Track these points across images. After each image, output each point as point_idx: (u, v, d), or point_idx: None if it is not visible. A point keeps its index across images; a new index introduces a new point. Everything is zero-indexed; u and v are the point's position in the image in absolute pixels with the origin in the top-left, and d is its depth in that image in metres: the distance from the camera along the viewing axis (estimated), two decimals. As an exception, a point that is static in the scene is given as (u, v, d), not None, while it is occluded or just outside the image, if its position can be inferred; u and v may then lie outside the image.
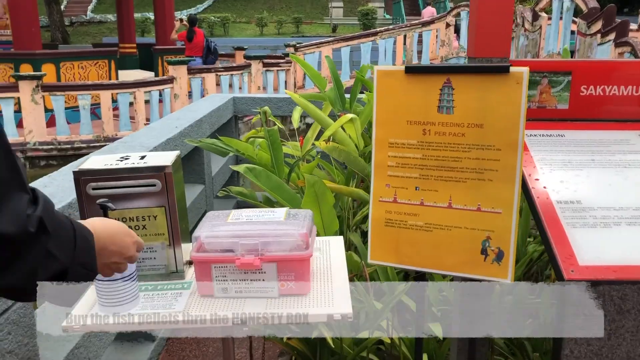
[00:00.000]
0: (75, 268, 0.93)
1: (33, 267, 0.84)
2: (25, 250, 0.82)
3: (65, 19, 23.62)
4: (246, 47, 14.84)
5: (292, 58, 3.99)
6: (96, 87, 8.59)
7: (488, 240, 1.35)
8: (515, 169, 1.32)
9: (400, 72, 1.35)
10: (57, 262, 0.88)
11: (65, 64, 9.62)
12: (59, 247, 0.88)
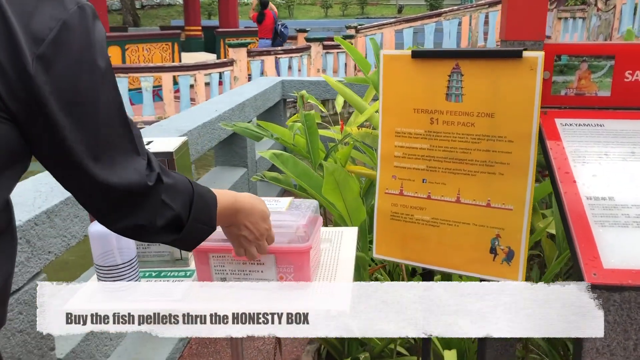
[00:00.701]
0: (192, 222, 1.04)
1: (153, 213, 0.97)
2: (145, 200, 0.95)
3: (137, 2, 24.33)
4: (308, 29, 14.79)
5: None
6: (158, 70, 8.79)
7: (498, 239, 1.26)
8: (529, 163, 1.21)
9: (407, 57, 1.26)
10: (172, 211, 1.00)
11: (130, 47, 9.90)
12: (172, 199, 0.99)
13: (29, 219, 1.52)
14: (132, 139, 0.93)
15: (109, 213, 0.95)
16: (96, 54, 0.85)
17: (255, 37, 12.67)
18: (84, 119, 0.84)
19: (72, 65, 0.81)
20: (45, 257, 1.60)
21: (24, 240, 1.50)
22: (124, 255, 1.37)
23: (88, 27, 0.83)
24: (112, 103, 0.89)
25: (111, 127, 0.89)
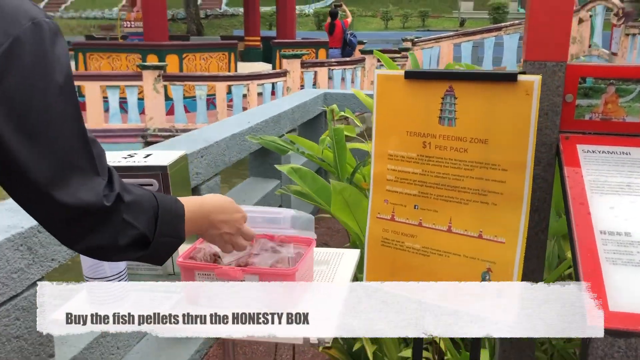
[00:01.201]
0: (158, 237, 1.04)
1: (114, 233, 0.96)
2: (105, 220, 0.94)
3: (201, 12, 25.02)
4: (365, 41, 14.79)
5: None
6: (212, 79, 8.97)
7: (488, 273, 1.18)
8: (523, 194, 1.13)
9: (401, 77, 1.21)
10: (136, 229, 0.99)
11: (188, 56, 10.14)
12: (135, 217, 0.98)
13: (31, 226, 1.55)
14: (91, 157, 0.92)
15: (68, 234, 0.94)
16: (53, 69, 0.84)
17: (311, 49, 12.76)
18: (37, 136, 0.83)
19: (24, 81, 0.80)
20: (48, 264, 1.62)
21: (24, 247, 1.53)
22: (112, 268, 1.37)
23: (43, 42, 0.82)
24: (68, 121, 0.87)
25: (67, 145, 0.87)
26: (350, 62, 10.45)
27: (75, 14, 28.79)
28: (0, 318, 1.47)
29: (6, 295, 1.48)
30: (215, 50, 10.67)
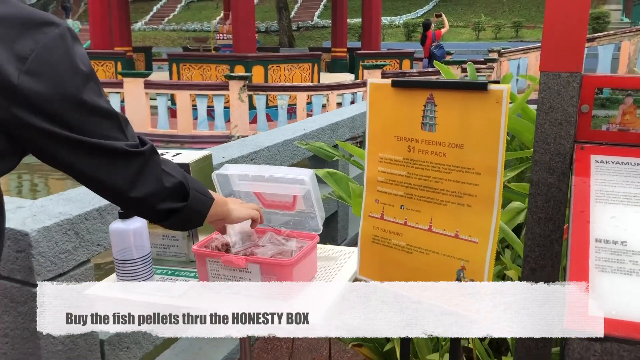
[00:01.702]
0: (193, 191, 1.23)
1: (158, 177, 1.14)
2: (148, 162, 1.12)
3: (293, 24, 25.70)
4: (453, 51, 14.63)
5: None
6: (293, 89, 9.26)
7: (463, 271, 1.24)
8: (494, 197, 1.19)
9: (389, 86, 1.30)
10: (175, 178, 1.18)
11: (273, 67, 10.52)
12: (172, 169, 1.19)
13: (79, 214, 1.77)
14: (120, 125, 1.09)
15: (122, 181, 1.10)
16: (77, 62, 1.01)
17: (395, 60, 12.82)
18: (73, 111, 1.01)
19: (54, 74, 0.98)
20: (94, 248, 1.84)
21: (72, 232, 1.75)
22: (139, 251, 1.54)
23: (67, 45, 1.00)
24: (95, 97, 1.04)
25: (96, 115, 1.05)
26: (431, 73, 10.41)
27: (176, 27, 30.47)
28: (49, 292, 1.69)
29: (54, 272, 1.70)
30: (299, 62, 10.99)
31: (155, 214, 1.21)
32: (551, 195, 1.73)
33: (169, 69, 11.42)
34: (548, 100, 1.66)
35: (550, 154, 1.70)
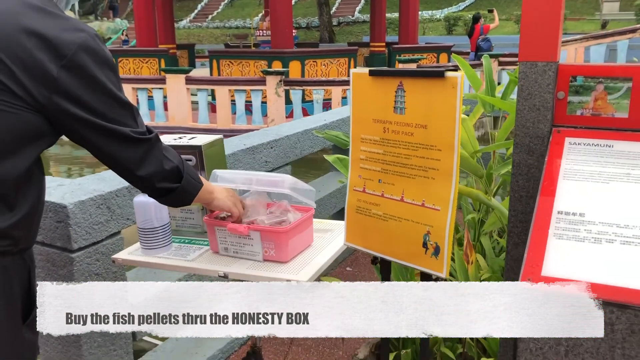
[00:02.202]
0: (186, 175, 1.46)
1: (159, 161, 1.38)
2: (153, 147, 1.36)
3: (334, 20, 25.86)
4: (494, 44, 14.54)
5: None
6: (328, 83, 9.46)
7: (428, 235, 1.42)
8: (452, 170, 1.36)
9: (367, 75, 1.49)
10: (172, 162, 1.42)
11: (309, 62, 10.74)
12: (171, 155, 1.43)
13: (110, 191, 2.02)
14: (133, 115, 1.34)
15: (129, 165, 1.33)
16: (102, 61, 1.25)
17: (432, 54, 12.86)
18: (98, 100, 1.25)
19: (85, 70, 1.22)
20: (124, 222, 2.09)
21: (104, 207, 2.01)
22: (160, 221, 1.78)
23: (95, 48, 1.24)
24: (115, 90, 1.28)
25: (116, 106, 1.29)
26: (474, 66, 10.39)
27: (219, 24, 31.07)
28: (84, 258, 1.96)
29: (89, 241, 1.96)
30: (335, 57, 11.19)
31: (155, 191, 1.44)
32: (531, 175, 1.89)
33: (209, 66, 11.80)
34: (527, 87, 1.82)
35: (529, 137, 1.85)
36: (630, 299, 1.30)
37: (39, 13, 1.21)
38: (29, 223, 1.29)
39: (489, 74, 3.60)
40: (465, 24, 24.06)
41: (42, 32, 1.18)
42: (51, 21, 1.21)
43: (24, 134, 1.20)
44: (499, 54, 11.39)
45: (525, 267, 1.44)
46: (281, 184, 1.66)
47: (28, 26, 1.17)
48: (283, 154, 3.06)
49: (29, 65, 1.16)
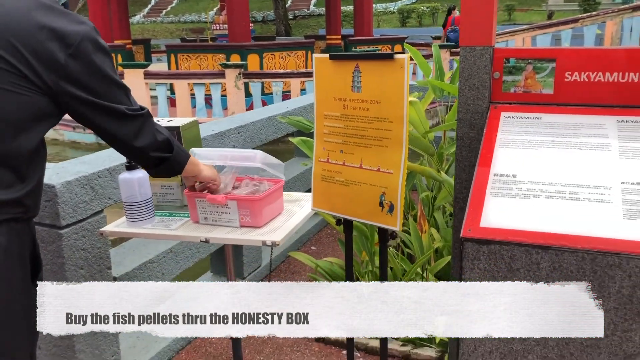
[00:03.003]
0: (176, 147, 1.64)
1: (153, 133, 1.55)
2: (146, 122, 1.53)
3: (290, 13, 25.98)
4: (444, 36, 14.97)
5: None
6: (287, 75, 9.65)
7: (384, 195, 1.65)
8: (402, 138, 1.60)
9: (327, 58, 1.72)
10: (164, 135, 1.60)
11: (267, 55, 10.91)
12: (161, 129, 1.60)
13: (93, 172, 2.19)
14: (127, 94, 1.52)
15: (126, 138, 1.51)
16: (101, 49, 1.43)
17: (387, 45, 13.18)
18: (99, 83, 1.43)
19: (88, 57, 1.40)
20: (106, 201, 2.26)
21: (88, 187, 2.17)
22: (143, 196, 1.96)
23: (96, 39, 1.42)
24: (113, 74, 1.47)
25: (114, 87, 1.47)
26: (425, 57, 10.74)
27: (174, 19, 30.79)
28: (72, 234, 2.12)
29: (75, 218, 2.12)
30: (293, 49, 11.38)
31: (151, 160, 1.62)
32: (473, 147, 2.15)
33: (167, 60, 11.83)
34: (467, 69, 2.07)
35: (470, 113, 2.11)
36: (551, 241, 1.56)
37: (48, 10, 1.39)
38: (37, 193, 1.47)
39: (438, 62, 3.87)
40: (418, 16, 24.58)
41: (52, 26, 1.36)
42: (58, 16, 1.39)
43: (35, 113, 1.38)
44: (449, 45, 11.80)
45: (467, 220, 1.69)
46: (253, 159, 1.87)
47: (40, 21, 1.35)
48: (249, 139, 3.26)
49: (41, 55, 1.33)
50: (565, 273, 1.55)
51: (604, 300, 1.52)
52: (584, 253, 1.53)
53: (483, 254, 1.64)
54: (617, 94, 1.94)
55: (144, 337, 2.69)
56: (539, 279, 1.60)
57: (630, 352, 1.53)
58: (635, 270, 1.48)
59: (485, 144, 1.95)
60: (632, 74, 1.90)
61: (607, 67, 1.93)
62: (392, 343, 2.65)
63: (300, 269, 3.71)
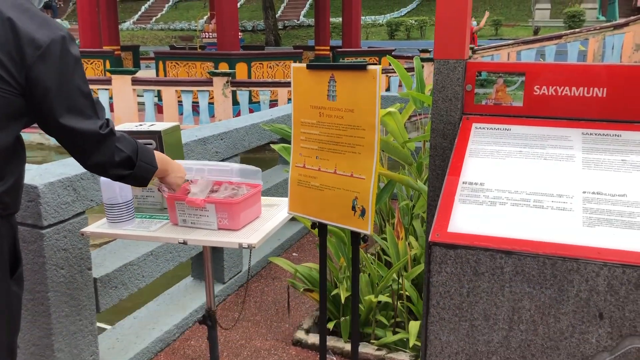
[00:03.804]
0: (140, 163, 1.63)
1: (110, 153, 1.54)
2: (103, 143, 1.52)
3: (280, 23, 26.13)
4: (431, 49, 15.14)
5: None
6: (274, 84, 9.72)
7: (356, 200, 1.72)
8: (374, 145, 1.67)
9: (304, 68, 1.78)
10: (124, 153, 1.58)
11: (256, 64, 10.99)
12: (124, 146, 1.58)
13: (76, 174, 2.23)
14: (93, 106, 1.54)
15: (83, 152, 1.53)
16: (72, 56, 1.47)
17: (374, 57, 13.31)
18: (64, 89, 1.46)
19: (57, 61, 1.44)
20: (88, 202, 2.31)
21: (71, 188, 2.21)
22: (123, 198, 2.01)
23: (67, 43, 1.47)
24: (81, 82, 1.50)
25: (79, 96, 1.50)
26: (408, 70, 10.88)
27: (164, 26, 30.83)
28: (53, 234, 2.16)
29: (57, 219, 2.16)
30: (281, 59, 11.47)
31: (109, 176, 1.65)
32: (446, 156, 2.22)
33: (155, 67, 11.86)
34: (441, 81, 2.15)
35: (443, 123, 2.18)
36: (515, 246, 1.63)
37: (23, 13, 1.43)
38: (15, 191, 1.51)
39: (419, 74, 3.97)
40: (406, 29, 24.83)
41: (24, 29, 1.40)
42: (32, 19, 1.43)
43: (10, 113, 1.42)
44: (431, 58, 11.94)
45: (435, 225, 1.76)
46: (230, 173, 1.93)
47: (15, 24, 1.40)
48: (232, 146, 3.31)
49: (14, 56, 1.38)
50: (527, 277, 1.63)
51: (563, 304, 1.60)
52: (545, 258, 1.60)
53: (450, 258, 1.71)
54: (582, 108, 2.02)
55: (123, 339, 2.73)
56: (503, 283, 1.67)
57: (588, 353, 1.60)
58: (592, 275, 1.55)
59: (456, 153, 2.03)
60: (597, 89, 1.99)
61: (574, 82, 2.02)
62: (367, 347, 2.71)
63: (281, 274, 3.76)
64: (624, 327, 1.55)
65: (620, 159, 1.85)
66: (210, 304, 2.17)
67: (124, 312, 3.08)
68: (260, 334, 3.02)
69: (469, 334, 1.73)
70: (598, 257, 1.54)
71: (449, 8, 2.08)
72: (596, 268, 1.54)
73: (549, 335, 1.63)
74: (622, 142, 1.92)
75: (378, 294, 2.76)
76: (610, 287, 1.54)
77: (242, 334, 3.02)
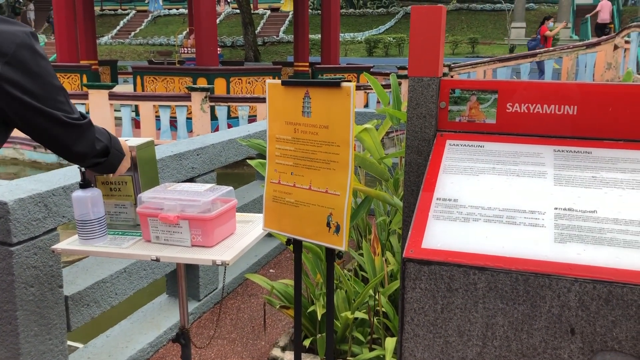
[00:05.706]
0: (113, 150, 1.75)
1: (91, 141, 1.64)
2: (86, 131, 1.60)
3: (259, 39, 26.21)
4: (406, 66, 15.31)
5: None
6: (253, 100, 9.72)
7: (331, 216, 1.72)
8: (348, 161, 1.67)
9: (279, 84, 1.79)
10: (102, 143, 1.69)
11: (234, 79, 10.99)
12: (101, 136, 1.69)
13: (47, 190, 2.20)
14: (68, 102, 1.56)
15: (65, 143, 1.56)
16: (39, 55, 1.46)
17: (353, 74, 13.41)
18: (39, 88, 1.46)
19: (25, 63, 1.43)
20: (59, 219, 2.27)
21: (42, 204, 2.18)
22: (95, 214, 1.98)
23: (33, 45, 1.45)
24: (53, 79, 1.50)
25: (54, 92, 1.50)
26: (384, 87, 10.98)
27: (142, 41, 30.71)
28: (23, 251, 2.12)
29: (27, 235, 2.12)
30: (260, 75, 11.50)
31: (87, 164, 1.72)
32: (420, 172, 2.23)
33: (133, 82, 11.80)
34: (415, 99, 2.17)
35: (418, 140, 2.20)
36: (488, 263, 1.64)
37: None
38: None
39: (395, 91, 4.00)
40: (384, 46, 25.08)
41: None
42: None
43: None
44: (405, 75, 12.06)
45: (409, 242, 1.76)
46: (203, 195, 1.91)
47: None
48: (209, 161, 3.30)
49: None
50: (501, 293, 1.64)
51: (536, 320, 1.61)
52: (517, 274, 1.61)
53: (424, 274, 1.72)
54: (554, 125, 2.05)
55: (94, 358, 2.67)
56: (477, 298, 1.68)
57: (560, 368, 1.61)
58: (563, 291, 1.57)
59: (430, 169, 2.04)
60: (567, 107, 2.02)
61: (545, 100, 2.05)
62: (343, 364, 2.69)
63: (257, 291, 3.73)
64: (595, 342, 1.56)
65: (591, 175, 1.88)
66: (184, 322, 2.14)
67: (97, 330, 3.02)
68: (235, 352, 2.98)
69: (444, 350, 1.73)
70: (569, 273, 1.56)
71: (423, 26, 2.10)
72: (567, 284, 1.56)
73: (522, 351, 1.64)
74: (593, 159, 1.95)
75: (354, 311, 2.75)
76: (581, 303, 1.56)
77: (217, 352, 2.98)
